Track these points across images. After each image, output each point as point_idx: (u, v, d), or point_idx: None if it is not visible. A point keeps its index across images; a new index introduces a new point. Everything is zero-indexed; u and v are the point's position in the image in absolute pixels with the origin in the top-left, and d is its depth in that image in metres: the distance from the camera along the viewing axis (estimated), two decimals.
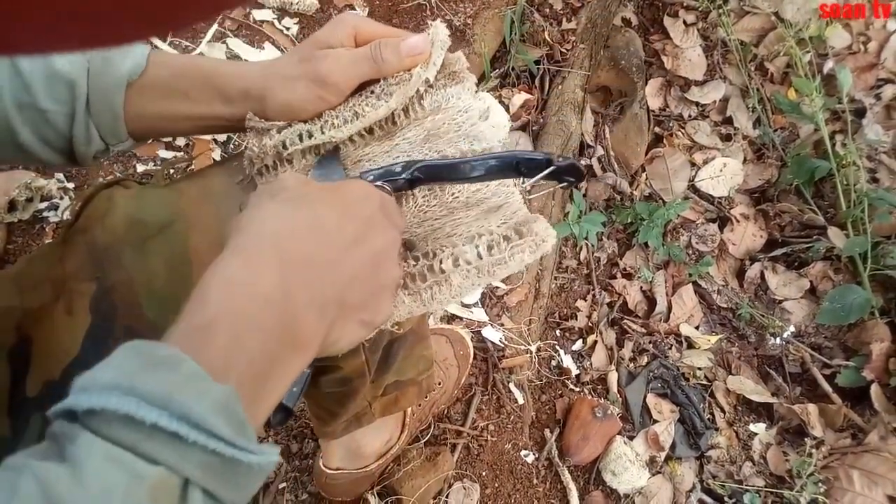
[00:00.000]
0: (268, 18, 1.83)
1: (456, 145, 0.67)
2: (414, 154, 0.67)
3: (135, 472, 0.35)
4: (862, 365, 1.54)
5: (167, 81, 0.66)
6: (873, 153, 1.79)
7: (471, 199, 0.65)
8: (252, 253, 0.47)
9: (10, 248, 1.46)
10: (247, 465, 0.39)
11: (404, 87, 0.68)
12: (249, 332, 0.43)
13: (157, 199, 0.68)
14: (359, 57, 0.67)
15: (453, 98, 0.70)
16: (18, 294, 0.67)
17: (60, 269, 0.67)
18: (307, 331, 0.47)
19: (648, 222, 1.70)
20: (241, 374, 0.42)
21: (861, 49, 1.89)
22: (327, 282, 0.49)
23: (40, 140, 0.64)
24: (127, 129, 0.67)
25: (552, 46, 1.90)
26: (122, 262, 0.65)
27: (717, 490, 1.47)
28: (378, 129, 0.69)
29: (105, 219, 0.66)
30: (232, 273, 0.46)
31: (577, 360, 1.61)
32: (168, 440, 0.36)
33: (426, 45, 0.69)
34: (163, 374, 0.37)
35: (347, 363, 0.83)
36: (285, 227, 0.49)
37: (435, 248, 0.61)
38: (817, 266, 1.71)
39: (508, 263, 0.60)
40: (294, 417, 1.43)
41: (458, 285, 0.60)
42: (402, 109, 0.69)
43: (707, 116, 1.94)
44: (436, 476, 1.34)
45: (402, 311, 0.60)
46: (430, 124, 0.69)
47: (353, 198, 0.54)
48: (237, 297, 0.44)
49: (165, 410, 0.36)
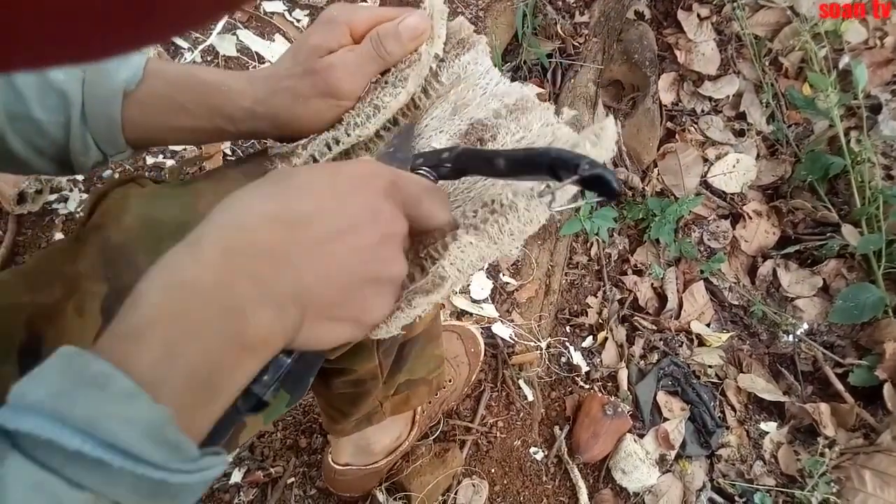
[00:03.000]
0: (278, 10, 1.82)
1: (486, 107, 0.64)
2: (445, 128, 0.64)
3: (58, 498, 0.33)
4: (875, 364, 1.52)
5: (167, 94, 0.64)
6: (888, 150, 1.76)
7: (517, 148, 0.61)
8: (197, 246, 0.43)
9: (19, 239, 1.46)
10: (180, 485, 0.37)
11: (416, 68, 0.65)
12: (187, 336, 0.40)
13: (172, 199, 0.67)
14: (364, 57, 0.65)
15: (470, 65, 0.68)
16: (29, 291, 0.67)
17: (73, 267, 0.66)
18: (256, 329, 0.42)
19: (660, 218, 1.68)
20: (179, 383, 0.39)
21: (877, 44, 1.86)
22: (285, 276, 0.43)
23: (34, 151, 0.63)
24: (125, 139, 0.65)
25: (564, 40, 1.88)
26: (135, 263, 0.64)
27: (727, 489, 1.46)
28: (402, 118, 0.67)
29: (120, 218, 0.65)
30: (173, 268, 0.42)
31: (587, 356, 1.60)
32: (94, 466, 0.34)
33: (425, 21, 0.66)
34: (90, 394, 0.35)
35: (361, 366, 0.82)
36: (244, 216, 0.44)
37: (492, 198, 0.54)
38: (830, 264, 1.70)
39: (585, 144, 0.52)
40: (303, 412, 1.43)
41: (525, 208, 0.53)
42: (420, 91, 0.67)
43: (720, 111, 1.91)
44: (444, 473, 1.34)
45: (472, 254, 0.54)
46: (455, 96, 0.66)
47: (347, 185, 0.48)
48: (174, 297, 0.40)
49: (89, 437, 0.34)
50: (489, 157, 0.54)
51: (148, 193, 0.67)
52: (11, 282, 0.67)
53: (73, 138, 0.62)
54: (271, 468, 1.37)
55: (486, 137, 0.62)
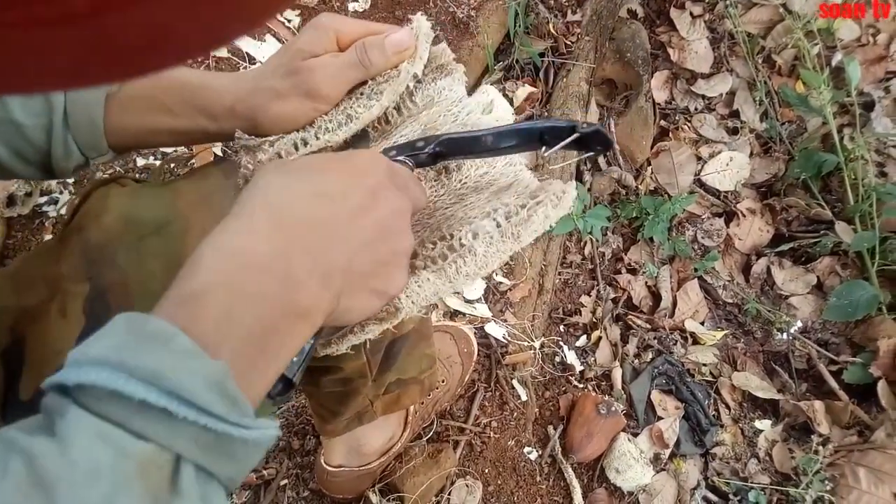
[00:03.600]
0: None
1: None
2: None
3: (123, 448, 0.34)
4: (869, 361, 1.52)
5: (149, 94, 0.64)
6: (882, 147, 1.76)
7: (479, 182, 0.64)
8: (249, 219, 0.46)
9: (9, 242, 1.45)
10: (241, 441, 0.37)
11: (393, 83, 0.67)
12: (244, 301, 0.42)
13: (153, 198, 0.67)
14: (346, 63, 0.65)
15: (445, 90, 0.69)
16: (15, 293, 0.66)
17: (55, 268, 0.66)
18: (309, 299, 0.45)
19: (654, 217, 1.68)
20: (236, 346, 0.40)
21: (870, 41, 1.86)
22: (331, 249, 0.47)
23: (15, 155, 0.62)
24: (107, 142, 0.65)
25: (557, 39, 1.88)
26: (116, 262, 0.63)
27: (721, 487, 1.46)
28: (372, 130, 0.68)
29: (100, 217, 0.65)
30: (227, 240, 0.44)
31: (580, 356, 1.60)
32: (158, 416, 0.35)
33: (411, 39, 0.67)
34: (153, 349, 0.36)
35: (348, 364, 0.82)
36: (287, 194, 0.48)
37: (451, 231, 0.58)
38: (824, 261, 1.69)
39: (532, 221, 0.57)
40: (296, 414, 1.42)
41: (484, 254, 0.57)
42: (394, 107, 0.68)
43: (713, 109, 1.91)
44: (438, 473, 1.33)
45: (428, 290, 0.57)
46: (426, 118, 0.67)
47: (359, 166, 0.52)
48: (231, 265, 0.43)
49: (154, 386, 0.35)
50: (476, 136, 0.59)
51: (128, 193, 0.67)
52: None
53: (55, 142, 0.62)
54: (264, 470, 1.36)
55: (452, 167, 0.65)
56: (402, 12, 1.87)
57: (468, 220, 0.58)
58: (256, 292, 0.42)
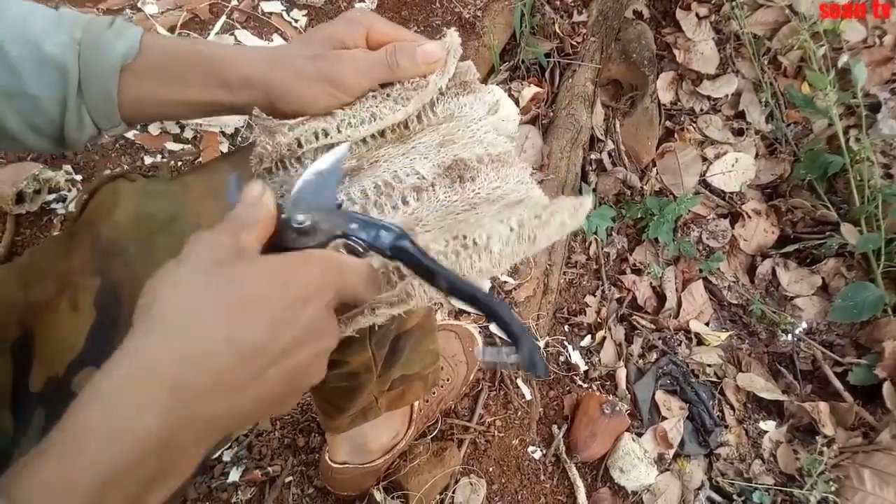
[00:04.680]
0: (276, 10, 1.82)
1: (471, 150, 0.66)
2: (430, 156, 0.65)
3: None
4: (874, 363, 1.52)
5: (163, 65, 0.63)
6: (888, 148, 1.76)
7: (491, 195, 0.64)
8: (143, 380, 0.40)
9: (18, 240, 1.46)
10: None
11: (422, 93, 0.67)
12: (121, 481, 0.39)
13: (162, 193, 0.67)
14: (375, 61, 0.65)
15: (466, 107, 0.70)
16: (23, 287, 0.67)
17: (65, 262, 0.66)
18: (186, 463, 0.42)
19: (659, 217, 1.68)
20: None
21: (876, 42, 1.86)
22: (224, 410, 0.42)
23: (29, 127, 0.62)
24: (121, 114, 0.64)
25: (563, 39, 1.88)
26: (127, 257, 0.64)
27: (726, 488, 1.46)
28: (390, 133, 0.69)
29: (110, 213, 0.65)
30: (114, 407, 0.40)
31: (585, 356, 1.60)
32: None
33: (442, 52, 0.67)
34: None
35: (353, 357, 0.82)
36: (198, 334, 0.42)
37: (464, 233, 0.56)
38: (830, 263, 1.69)
39: (549, 224, 0.57)
40: (301, 411, 1.43)
41: (499, 252, 0.56)
42: (415, 115, 0.69)
43: (719, 111, 1.91)
44: (442, 471, 1.33)
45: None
46: (445, 130, 0.68)
47: (303, 293, 0.45)
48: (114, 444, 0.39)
49: None
50: (431, 271, 0.52)
51: (138, 188, 0.67)
52: (5, 279, 0.67)
53: (69, 113, 0.61)
54: (269, 467, 1.37)
55: (467, 177, 0.64)
56: (408, 12, 1.88)
57: (480, 225, 0.58)
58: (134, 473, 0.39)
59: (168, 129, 1.63)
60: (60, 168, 1.53)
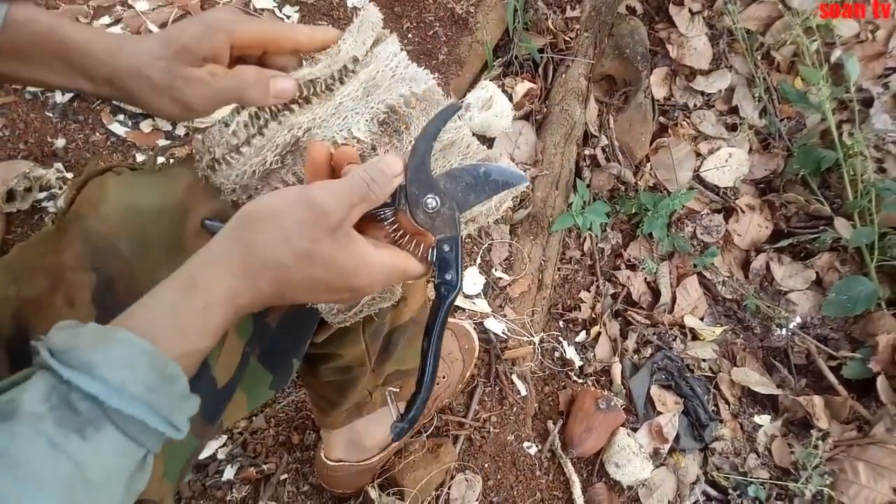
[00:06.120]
0: (268, 6, 1.81)
1: (395, 91, 0.68)
2: (360, 109, 0.67)
3: (134, 459, 0.49)
4: (868, 357, 1.52)
5: (27, 49, 0.63)
6: (880, 143, 1.76)
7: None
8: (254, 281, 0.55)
9: (9, 238, 1.45)
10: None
11: (333, 58, 0.69)
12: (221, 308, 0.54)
13: (150, 184, 0.67)
14: (225, 89, 0.64)
15: (381, 53, 0.71)
16: (14, 282, 0.66)
17: (55, 257, 0.65)
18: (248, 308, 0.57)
19: (653, 213, 1.68)
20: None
21: (869, 37, 1.87)
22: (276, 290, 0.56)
23: None
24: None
25: (556, 35, 1.88)
26: (120, 251, 0.63)
27: (721, 482, 1.46)
28: (315, 98, 0.69)
29: (99, 206, 0.64)
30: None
31: (580, 351, 1.60)
32: (156, 435, 0.50)
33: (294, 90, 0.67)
34: (168, 391, 0.50)
35: (347, 350, 0.82)
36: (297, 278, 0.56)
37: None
38: (823, 257, 1.70)
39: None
40: (296, 409, 1.42)
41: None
42: (337, 77, 0.70)
43: (712, 106, 1.92)
44: (438, 468, 1.33)
45: None
46: (365, 76, 0.69)
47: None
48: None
49: (164, 421, 0.49)
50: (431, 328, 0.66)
51: (125, 181, 0.66)
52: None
53: None
54: (264, 465, 1.36)
55: (402, 129, 0.69)
56: (401, 8, 1.87)
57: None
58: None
59: (160, 127, 1.62)
60: (51, 166, 1.52)
